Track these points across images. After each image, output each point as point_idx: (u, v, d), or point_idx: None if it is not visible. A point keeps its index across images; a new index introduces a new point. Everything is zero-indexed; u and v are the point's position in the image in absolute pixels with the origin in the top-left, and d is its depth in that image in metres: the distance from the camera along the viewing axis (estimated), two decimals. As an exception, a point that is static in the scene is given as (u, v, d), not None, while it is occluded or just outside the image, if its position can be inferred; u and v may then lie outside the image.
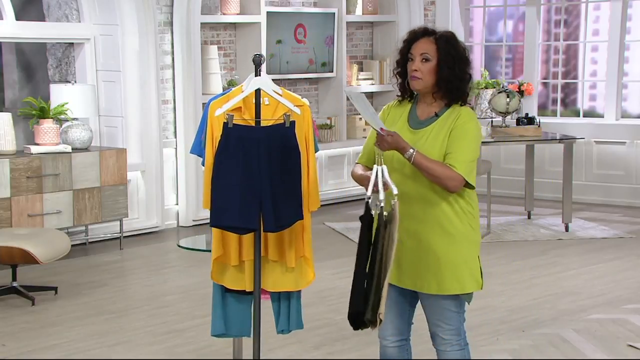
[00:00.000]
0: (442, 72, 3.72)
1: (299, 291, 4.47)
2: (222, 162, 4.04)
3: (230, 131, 4.04)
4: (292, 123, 4.09)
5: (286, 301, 4.47)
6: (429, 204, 3.73)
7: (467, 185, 3.74)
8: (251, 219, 4.05)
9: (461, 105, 3.80)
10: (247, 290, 4.38)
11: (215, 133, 4.16)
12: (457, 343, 3.85)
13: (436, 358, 3.93)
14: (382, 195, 3.60)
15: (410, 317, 3.97)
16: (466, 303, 3.88)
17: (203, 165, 4.24)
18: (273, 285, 4.37)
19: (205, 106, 4.37)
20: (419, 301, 3.92)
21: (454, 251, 3.75)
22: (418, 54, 3.75)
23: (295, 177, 4.09)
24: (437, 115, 3.78)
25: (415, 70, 3.74)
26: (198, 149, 4.56)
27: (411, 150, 3.65)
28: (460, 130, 3.72)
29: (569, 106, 11.05)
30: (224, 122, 4.05)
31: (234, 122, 4.05)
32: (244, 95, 4.17)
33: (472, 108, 3.88)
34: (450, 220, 3.74)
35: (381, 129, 3.65)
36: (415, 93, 3.86)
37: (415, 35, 3.80)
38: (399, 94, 3.90)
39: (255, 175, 4.05)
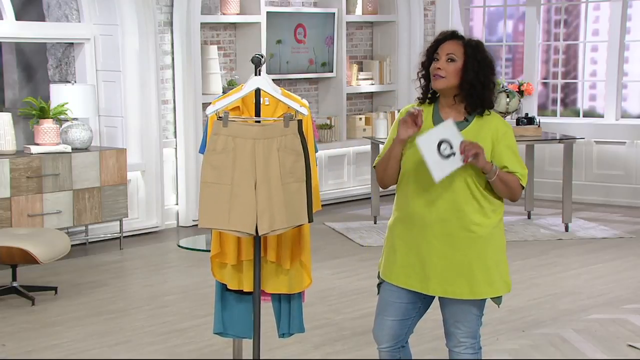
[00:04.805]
0: (467, 75, 3.72)
1: (300, 294, 4.44)
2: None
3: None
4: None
5: (287, 304, 4.46)
6: (460, 208, 3.71)
7: None
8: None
9: (485, 111, 3.79)
10: (245, 290, 4.37)
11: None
12: (472, 346, 3.84)
13: (442, 358, 3.90)
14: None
15: (412, 326, 3.92)
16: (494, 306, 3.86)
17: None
18: (269, 286, 4.36)
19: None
20: (431, 303, 3.90)
21: (485, 254, 3.74)
22: (444, 54, 3.74)
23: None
24: (467, 121, 3.77)
25: (439, 68, 3.73)
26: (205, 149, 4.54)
27: (495, 166, 3.69)
28: (506, 144, 3.75)
29: (569, 106, 11.05)
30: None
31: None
32: (241, 95, 4.15)
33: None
34: (480, 223, 3.73)
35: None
36: (437, 95, 3.83)
37: (444, 37, 3.79)
38: (420, 96, 3.86)
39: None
